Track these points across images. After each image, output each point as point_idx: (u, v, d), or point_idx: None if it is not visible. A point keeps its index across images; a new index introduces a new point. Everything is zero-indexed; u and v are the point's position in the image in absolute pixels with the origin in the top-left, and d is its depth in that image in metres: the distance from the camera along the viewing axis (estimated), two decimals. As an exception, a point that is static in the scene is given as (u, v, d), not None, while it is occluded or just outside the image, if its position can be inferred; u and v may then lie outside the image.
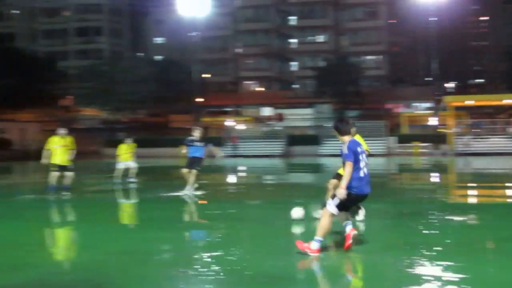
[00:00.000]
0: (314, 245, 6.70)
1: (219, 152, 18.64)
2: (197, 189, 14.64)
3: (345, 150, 6.83)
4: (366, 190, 6.96)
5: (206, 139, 15.54)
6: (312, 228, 7.72)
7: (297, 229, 9.05)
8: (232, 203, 13.85)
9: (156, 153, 43.77)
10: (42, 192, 15.57)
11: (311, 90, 64.19)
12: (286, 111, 61.72)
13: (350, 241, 6.89)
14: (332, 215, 6.77)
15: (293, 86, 75.20)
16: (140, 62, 57.94)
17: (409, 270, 6.17)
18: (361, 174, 6.87)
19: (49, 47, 77.44)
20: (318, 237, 6.72)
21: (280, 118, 57.09)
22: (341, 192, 6.62)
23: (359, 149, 6.93)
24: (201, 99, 59.28)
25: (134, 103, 54.24)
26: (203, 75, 65.89)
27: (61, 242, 8.97)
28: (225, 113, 70.86)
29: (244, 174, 27.13)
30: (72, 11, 77.84)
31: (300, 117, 61.85)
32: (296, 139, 48.15)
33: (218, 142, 45.05)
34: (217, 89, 74.85)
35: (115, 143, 49.38)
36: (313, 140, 46.24)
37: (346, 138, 7.05)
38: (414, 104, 66.91)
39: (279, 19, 74.94)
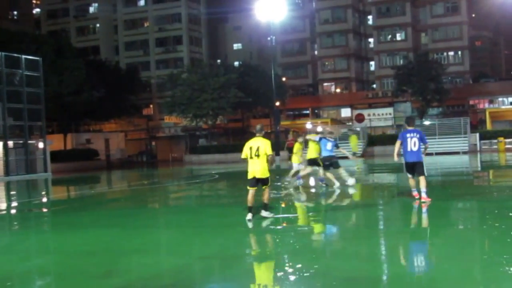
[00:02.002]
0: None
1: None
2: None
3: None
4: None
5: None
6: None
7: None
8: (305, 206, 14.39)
9: (236, 159, 45.13)
10: (127, 200, 16.87)
11: (391, 89, 63.92)
12: (365, 112, 61.72)
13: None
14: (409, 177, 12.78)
15: (372, 86, 75.08)
16: (219, 68, 59.59)
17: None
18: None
19: (131, 58, 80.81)
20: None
21: (359, 118, 57.18)
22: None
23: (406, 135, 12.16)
24: (280, 103, 60.27)
25: (214, 109, 55.80)
26: (282, 79, 66.86)
27: (148, 247, 9.12)
28: (304, 116, 71.61)
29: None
30: (152, 22, 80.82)
31: (380, 117, 61.72)
32: (376, 139, 48.28)
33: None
34: (296, 92, 75.78)
35: (197, 150, 51.04)
36: (394, 139, 46.10)
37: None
38: (498, 99, 65.19)
39: (356, 19, 75.10)
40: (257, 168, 10.63)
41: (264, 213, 11.07)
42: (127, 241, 9.85)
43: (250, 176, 10.76)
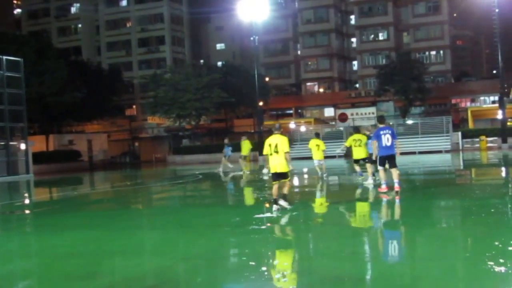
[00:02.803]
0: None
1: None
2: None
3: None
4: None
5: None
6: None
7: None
8: (296, 205, 14.53)
9: (220, 159, 45.05)
10: (110, 202, 16.83)
11: (374, 88, 64.30)
12: (348, 111, 61.96)
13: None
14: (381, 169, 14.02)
15: (355, 85, 75.48)
16: (202, 68, 59.51)
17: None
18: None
19: (114, 58, 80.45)
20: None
21: (342, 118, 57.40)
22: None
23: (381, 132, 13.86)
24: (263, 103, 60.32)
25: (197, 109, 55.72)
26: (265, 79, 66.94)
27: (131, 248, 9.12)
28: (288, 116, 71.78)
29: (308, 175, 27.66)
30: (135, 22, 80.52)
31: (363, 116, 62.04)
32: (359, 138, 48.47)
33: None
34: (279, 92, 75.94)
35: (180, 150, 50.93)
36: (376, 139, 46.45)
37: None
38: (480, 98, 65.89)
39: (339, 19, 75.46)
40: (277, 163, 11.50)
41: (282, 202, 11.67)
42: (111, 243, 9.79)
43: (272, 171, 11.73)
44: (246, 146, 27.71)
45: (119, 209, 16.02)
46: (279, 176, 11.62)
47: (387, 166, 13.92)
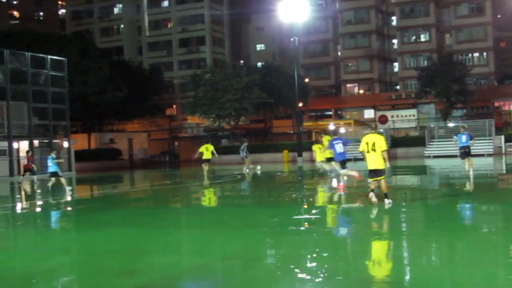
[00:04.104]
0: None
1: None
2: None
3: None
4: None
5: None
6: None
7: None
8: (332, 206, 14.43)
9: (258, 159, 45.10)
10: (149, 200, 17.03)
11: (414, 90, 63.41)
12: (388, 113, 61.25)
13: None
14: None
15: (396, 87, 74.59)
16: (241, 69, 59.61)
17: None
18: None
19: (155, 58, 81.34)
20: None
21: (382, 120, 56.79)
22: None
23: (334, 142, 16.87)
24: (303, 104, 60.11)
25: (237, 110, 55.81)
26: (304, 80, 66.69)
27: (170, 247, 9.23)
28: (327, 117, 71.37)
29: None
30: (176, 22, 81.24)
31: (403, 119, 61.27)
32: (399, 140, 47.90)
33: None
34: (319, 93, 75.57)
35: (219, 150, 51.46)
36: (417, 141, 45.88)
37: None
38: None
39: (380, 20, 74.70)
40: (375, 161, 12.13)
41: (386, 201, 12.30)
42: (149, 240, 9.88)
43: (369, 167, 12.31)
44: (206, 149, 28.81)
45: (158, 207, 16.16)
46: (376, 173, 12.23)
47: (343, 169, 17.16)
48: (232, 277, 6.93)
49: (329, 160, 21.52)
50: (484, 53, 68.03)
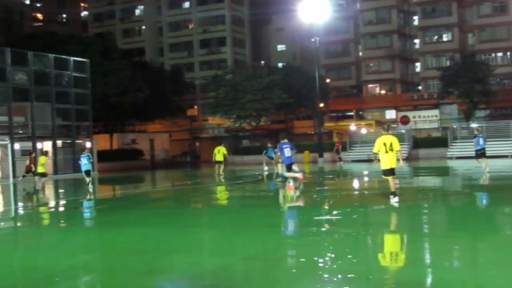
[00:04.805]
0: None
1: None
2: None
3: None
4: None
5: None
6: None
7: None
8: (354, 207, 14.40)
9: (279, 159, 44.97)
10: (170, 200, 17.13)
11: (437, 91, 62.85)
12: (410, 113, 60.82)
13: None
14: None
15: (418, 87, 74.02)
16: (262, 69, 59.65)
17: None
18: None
19: (176, 59, 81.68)
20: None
21: (404, 120, 56.40)
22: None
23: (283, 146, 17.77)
24: (323, 104, 59.97)
25: (257, 110, 55.82)
26: (325, 80, 66.47)
27: (191, 246, 9.27)
28: (348, 118, 71.09)
29: (368, 178, 27.34)
30: (196, 23, 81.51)
31: (425, 119, 60.80)
32: (421, 141, 47.52)
33: (343, 147, 45.55)
34: (339, 94, 75.29)
35: (240, 151, 51.16)
36: (439, 142, 45.48)
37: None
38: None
39: (401, 19, 74.17)
40: (391, 160, 13.02)
41: (393, 199, 13.03)
42: (171, 240, 9.94)
43: (386, 167, 13.10)
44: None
45: (179, 207, 16.24)
46: (391, 172, 13.12)
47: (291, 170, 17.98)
48: (252, 277, 6.93)
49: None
50: (508, 53, 67.18)
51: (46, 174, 26.74)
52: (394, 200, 13.04)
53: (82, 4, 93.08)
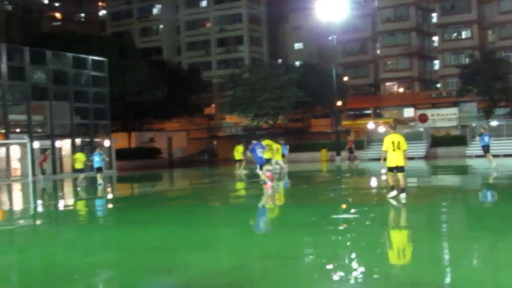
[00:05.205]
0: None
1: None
2: None
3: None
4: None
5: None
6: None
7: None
8: (372, 206, 14.35)
9: (297, 158, 44.95)
10: (188, 198, 17.19)
11: (455, 88, 62.31)
12: (428, 112, 60.40)
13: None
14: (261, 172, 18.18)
15: (436, 85, 73.46)
16: (279, 68, 59.57)
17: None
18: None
19: (193, 58, 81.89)
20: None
21: (422, 119, 56.03)
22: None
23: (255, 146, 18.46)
24: (341, 103, 59.77)
25: (275, 109, 55.80)
26: (343, 78, 66.23)
27: (208, 245, 9.27)
28: (365, 116, 70.76)
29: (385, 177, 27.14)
30: (214, 22, 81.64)
31: (443, 117, 60.32)
32: (439, 140, 47.17)
33: (360, 145, 45.39)
34: (357, 92, 75.00)
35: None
36: (458, 140, 45.10)
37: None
38: None
39: (419, 17, 73.64)
40: (398, 158, 13.58)
41: (402, 195, 13.46)
42: (187, 238, 9.97)
43: (391, 164, 13.71)
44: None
45: (197, 206, 16.27)
46: (398, 169, 13.69)
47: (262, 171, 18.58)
48: (269, 276, 6.91)
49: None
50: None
51: (84, 170, 26.97)
52: (390, 195, 13.74)
53: (100, 4, 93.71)
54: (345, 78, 68.73)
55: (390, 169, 13.88)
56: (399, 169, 13.69)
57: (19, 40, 57.38)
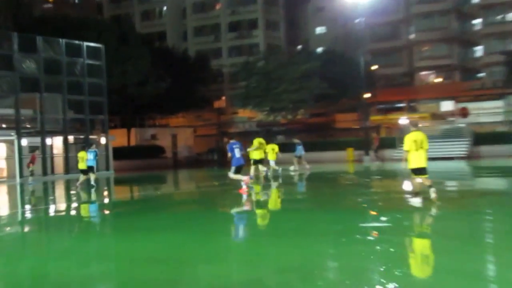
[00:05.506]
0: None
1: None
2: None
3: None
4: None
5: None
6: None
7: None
8: (406, 213, 14.26)
9: (320, 158, 44.88)
10: (195, 203, 17.21)
11: (501, 78, 61.80)
12: (470, 105, 59.98)
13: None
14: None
15: (479, 75, 72.89)
16: (299, 56, 59.44)
17: None
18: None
19: (201, 44, 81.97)
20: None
21: (463, 113, 55.66)
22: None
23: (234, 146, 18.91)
24: (370, 95, 59.52)
25: (294, 102, 55.68)
26: (372, 68, 65.95)
27: (218, 256, 9.29)
28: (398, 110, 70.42)
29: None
30: (225, 4, 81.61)
31: (488, 112, 59.86)
32: (483, 137, 46.84)
33: (392, 143, 45.17)
34: (388, 83, 74.62)
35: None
36: (505, 138, 44.77)
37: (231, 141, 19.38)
38: None
39: (459, -3, 73.15)
40: (422, 159, 14.04)
41: (431, 189, 14.01)
42: (195, 248, 9.95)
43: (415, 166, 14.13)
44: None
45: (205, 211, 16.27)
46: (421, 171, 14.11)
47: (238, 174, 19.13)
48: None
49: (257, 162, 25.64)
50: None
51: (88, 172, 27.15)
52: (416, 200, 14.32)
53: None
54: (375, 67, 68.42)
55: (415, 171, 14.33)
56: (422, 170, 14.13)
57: (7, 25, 57.79)
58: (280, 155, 29.73)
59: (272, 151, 28.06)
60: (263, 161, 26.28)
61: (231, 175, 19.39)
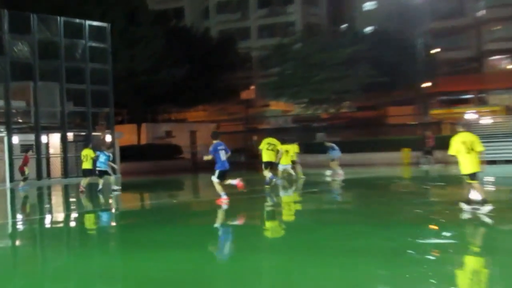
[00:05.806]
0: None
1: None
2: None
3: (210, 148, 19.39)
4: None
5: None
6: None
7: None
8: (472, 226, 14.15)
9: (369, 160, 44.67)
10: (218, 214, 17.27)
11: None
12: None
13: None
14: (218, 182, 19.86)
15: None
16: (343, 37, 59.22)
17: None
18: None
19: (225, 23, 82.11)
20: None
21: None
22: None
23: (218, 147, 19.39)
24: (430, 84, 59.13)
25: (337, 93, 55.50)
26: (432, 51, 65.53)
27: (241, 277, 9.30)
28: (464, 102, 69.90)
29: (495, 187, 26.76)
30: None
31: None
32: None
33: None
34: (452, 70, 74.07)
35: (314, 148, 51.08)
36: None
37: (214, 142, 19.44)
38: None
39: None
40: (474, 163, 14.61)
41: (485, 209, 14.34)
42: (216, 267, 10.03)
43: (468, 171, 14.70)
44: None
45: (228, 224, 16.28)
46: (471, 177, 14.69)
47: (220, 180, 20.14)
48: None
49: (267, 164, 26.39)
50: None
51: (93, 172, 27.45)
52: (485, 209, 14.40)
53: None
54: (436, 51, 67.96)
55: (471, 177, 14.80)
56: (472, 176, 14.75)
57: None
58: (298, 158, 30.02)
59: (286, 153, 27.54)
60: (273, 164, 26.26)
61: (214, 179, 19.93)
